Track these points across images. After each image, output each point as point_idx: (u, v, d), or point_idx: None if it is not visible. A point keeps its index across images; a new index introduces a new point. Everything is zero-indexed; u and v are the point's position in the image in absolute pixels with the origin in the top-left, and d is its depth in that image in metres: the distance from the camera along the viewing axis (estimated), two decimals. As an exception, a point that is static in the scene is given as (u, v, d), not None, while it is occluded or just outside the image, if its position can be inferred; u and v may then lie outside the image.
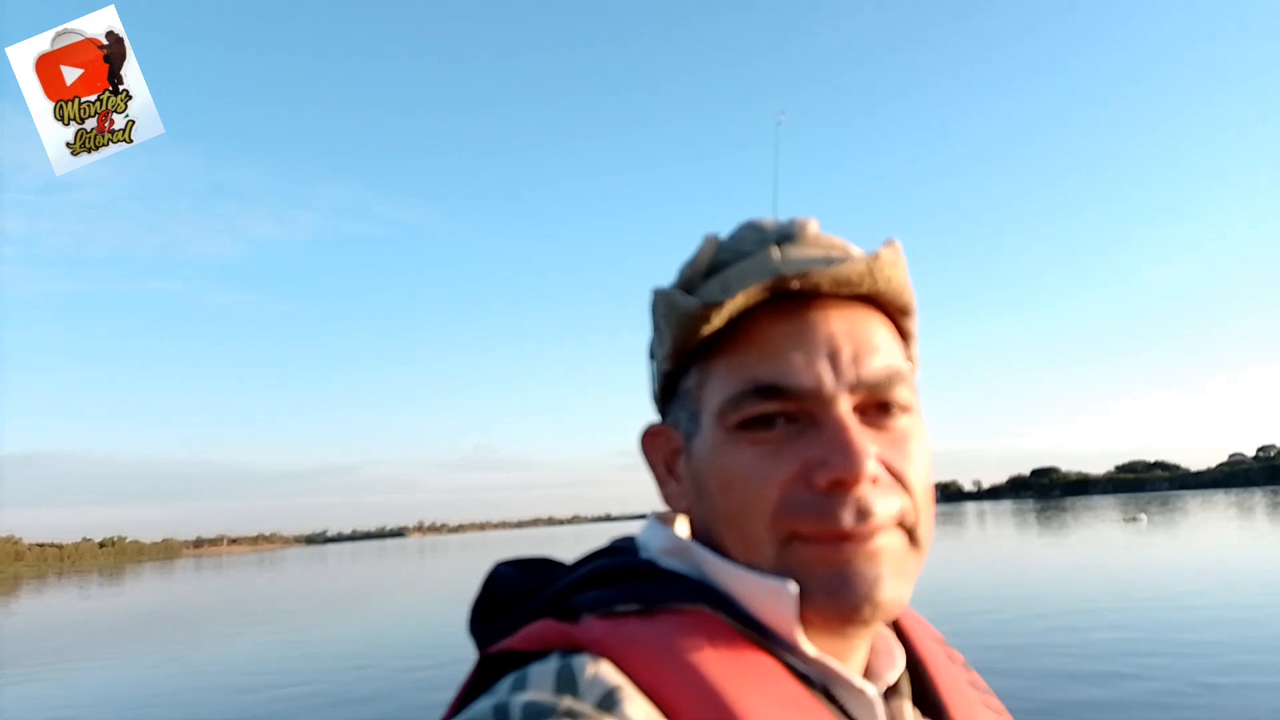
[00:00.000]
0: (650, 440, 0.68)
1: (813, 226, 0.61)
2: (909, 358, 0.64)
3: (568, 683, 0.50)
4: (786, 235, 0.61)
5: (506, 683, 0.51)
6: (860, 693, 0.58)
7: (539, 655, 0.53)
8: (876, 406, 0.58)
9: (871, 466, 0.55)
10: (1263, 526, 38.63)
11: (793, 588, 0.54)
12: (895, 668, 0.64)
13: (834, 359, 0.57)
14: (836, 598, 0.54)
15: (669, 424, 0.66)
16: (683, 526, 0.67)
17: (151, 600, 42.95)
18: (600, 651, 0.52)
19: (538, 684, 0.50)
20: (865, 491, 0.55)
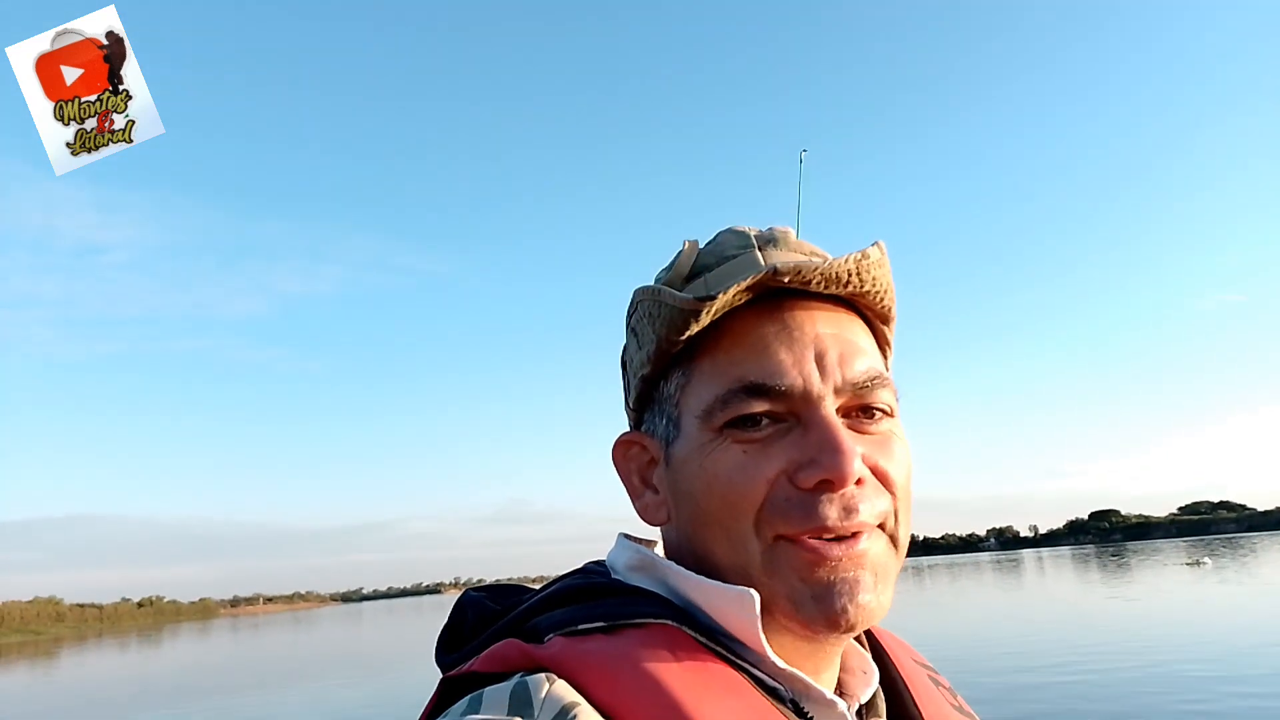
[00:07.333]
0: (623, 450, 0.65)
1: (792, 234, 0.63)
2: (886, 366, 0.64)
3: (522, 702, 0.49)
4: (768, 239, 0.61)
5: (461, 705, 0.51)
6: (831, 706, 0.56)
7: (500, 676, 0.53)
8: (860, 409, 0.58)
9: (858, 466, 0.55)
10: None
11: (754, 595, 0.54)
12: (869, 686, 0.63)
13: (820, 359, 0.57)
14: (821, 603, 0.54)
15: (644, 433, 0.65)
16: (655, 545, 0.66)
17: (188, 661, 42.92)
18: (559, 670, 0.51)
19: (492, 705, 0.50)
20: (851, 491, 0.55)
